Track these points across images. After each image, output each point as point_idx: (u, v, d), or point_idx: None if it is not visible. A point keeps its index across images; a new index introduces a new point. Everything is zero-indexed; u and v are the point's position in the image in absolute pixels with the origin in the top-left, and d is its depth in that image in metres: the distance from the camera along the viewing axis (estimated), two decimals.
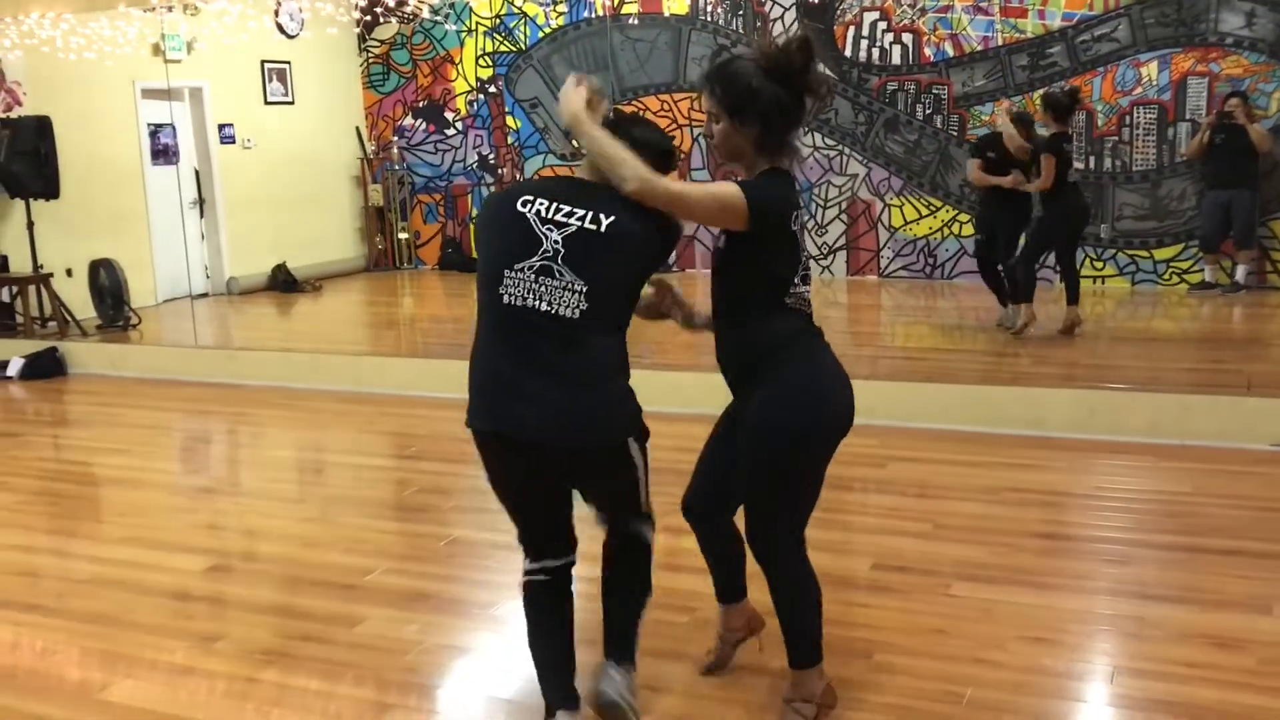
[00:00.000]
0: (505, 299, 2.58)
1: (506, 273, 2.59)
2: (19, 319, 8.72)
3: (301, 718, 3.07)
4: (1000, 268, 7.48)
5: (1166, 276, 9.20)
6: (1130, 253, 9.29)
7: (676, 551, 4.25)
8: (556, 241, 2.58)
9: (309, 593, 3.91)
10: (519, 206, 2.64)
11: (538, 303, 2.56)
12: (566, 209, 2.61)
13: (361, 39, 12.07)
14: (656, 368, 6.43)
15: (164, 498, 5.16)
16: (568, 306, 2.56)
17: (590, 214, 2.60)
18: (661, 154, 2.74)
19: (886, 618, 3.53)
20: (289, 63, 11.39)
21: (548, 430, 2.56)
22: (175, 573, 4.15)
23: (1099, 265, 9.39)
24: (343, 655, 3.41)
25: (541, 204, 2.63)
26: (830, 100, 2.75)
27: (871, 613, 3.58)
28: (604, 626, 2.88)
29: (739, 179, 2.70)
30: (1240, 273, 8.73)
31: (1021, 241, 7.43)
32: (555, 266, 2.57)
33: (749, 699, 3.06)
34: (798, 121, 2.69)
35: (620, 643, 2.84)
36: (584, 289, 2.56)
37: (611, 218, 2.60)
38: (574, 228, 2.59)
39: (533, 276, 2.57)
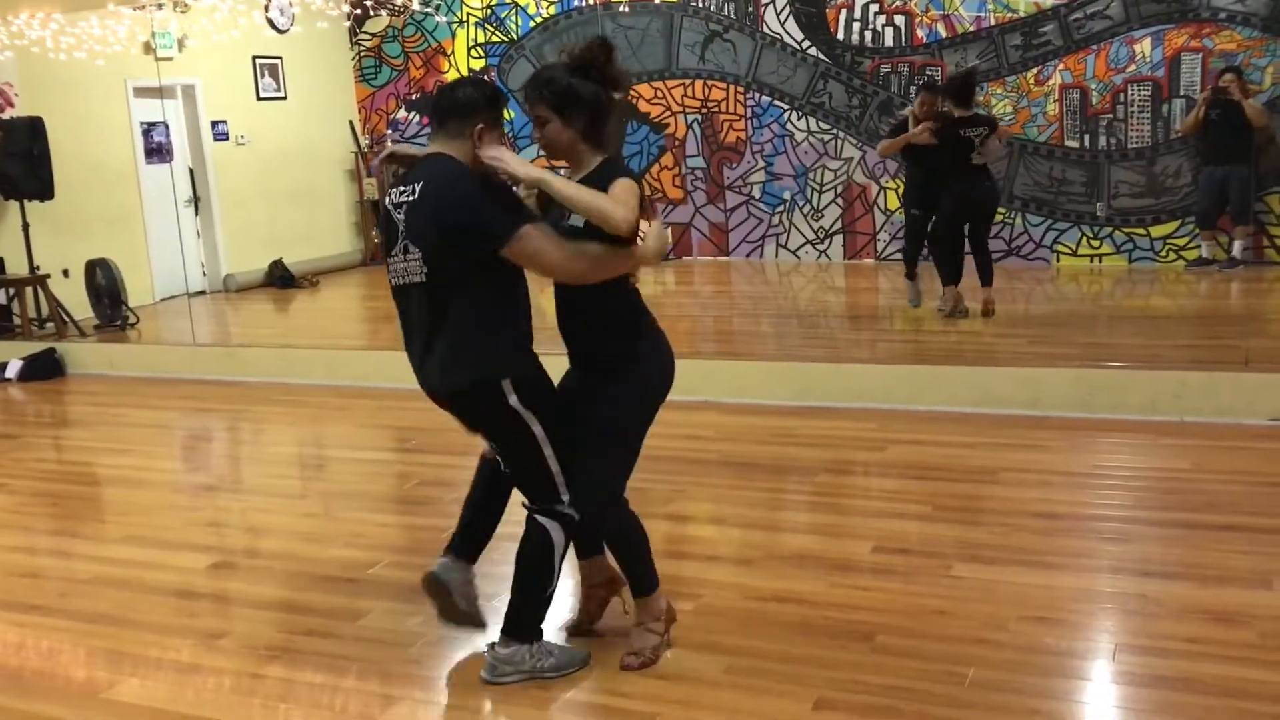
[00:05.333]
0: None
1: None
2: (16, 321, 8.72)
3: (308, 712, 3.08)
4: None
5: (1163, 253, 9.19)
6: (1127, 230, 9.28)
7: (679, 539, 4.27)
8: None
9: (312, 587, 3.92)
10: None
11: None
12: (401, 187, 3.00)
13: (352, 33, 12.03)
14: None
15: (165, 496, 5.16)
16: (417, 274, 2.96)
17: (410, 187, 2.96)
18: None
19: (888, 600, 3.54)
20: (280, 58, 11.37)
21: (428, 383, 3.07)
22: (178, 571, 4.16)
23: (1095, 244, 9.38)
24: (347, 649, 3.42)
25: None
26: (628, 91, 3.15)
27: (873, 595, 3.59)
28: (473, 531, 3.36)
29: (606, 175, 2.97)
30: (1237, 248, 8.72)
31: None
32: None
33: (753, 683, 3.07)
34: (609, 113, 3.02)
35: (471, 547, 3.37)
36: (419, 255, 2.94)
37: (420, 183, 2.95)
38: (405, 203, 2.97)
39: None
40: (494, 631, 3.25)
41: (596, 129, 3.02)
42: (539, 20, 11.12)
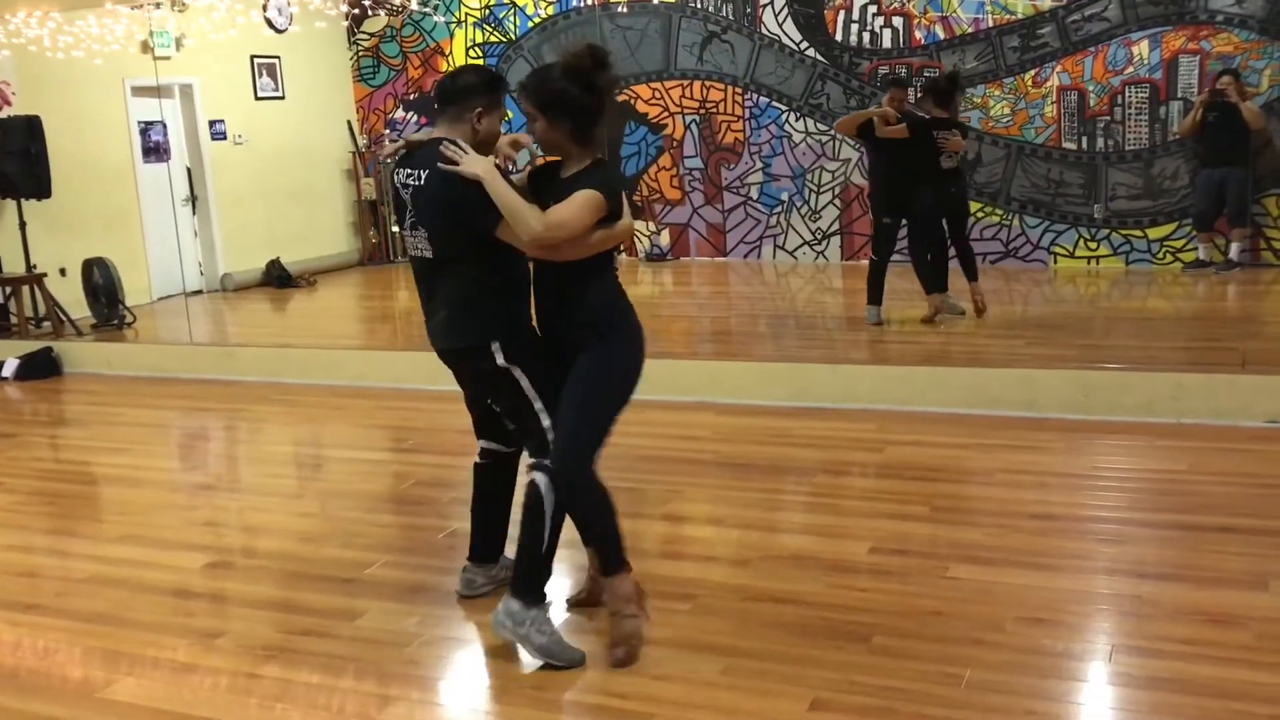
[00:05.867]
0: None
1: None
2: (13, 319, 8.71)
3: (304, 712, 3.08)
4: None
5: (1161, 255, 9.20)
6: (1124, 232, 9.29)
7: (676, 540, 4.28)
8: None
9: (309, 587, 3.92)
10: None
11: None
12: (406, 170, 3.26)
13: (351, 32, 12.03)
14: (651, 356, 6.42)
15: (162, 495, 5.16)
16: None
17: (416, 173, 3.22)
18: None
19: (885, 601, 3.54)
20: (279, 57, 11.36)
21: (433, 338, 3.37)
22: (175, 570, 4.16)
23: (1093, 246, 9.39)
24: (344, 649, 3.42)
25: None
26: (613, 95, 3.31)
27: (870, 596, 3.59)
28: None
29: (591, 185, 3.11)
30: (1234, 250, 8.74)
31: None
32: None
33: (750, 684, 3.07)
34: (600, 116, 3.15)
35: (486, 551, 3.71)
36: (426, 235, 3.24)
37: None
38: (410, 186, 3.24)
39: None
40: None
41: (583, 130, 3.16)
42: (537, 20, 11.12)
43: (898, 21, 9.74)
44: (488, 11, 11.33)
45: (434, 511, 4.69)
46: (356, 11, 11.41)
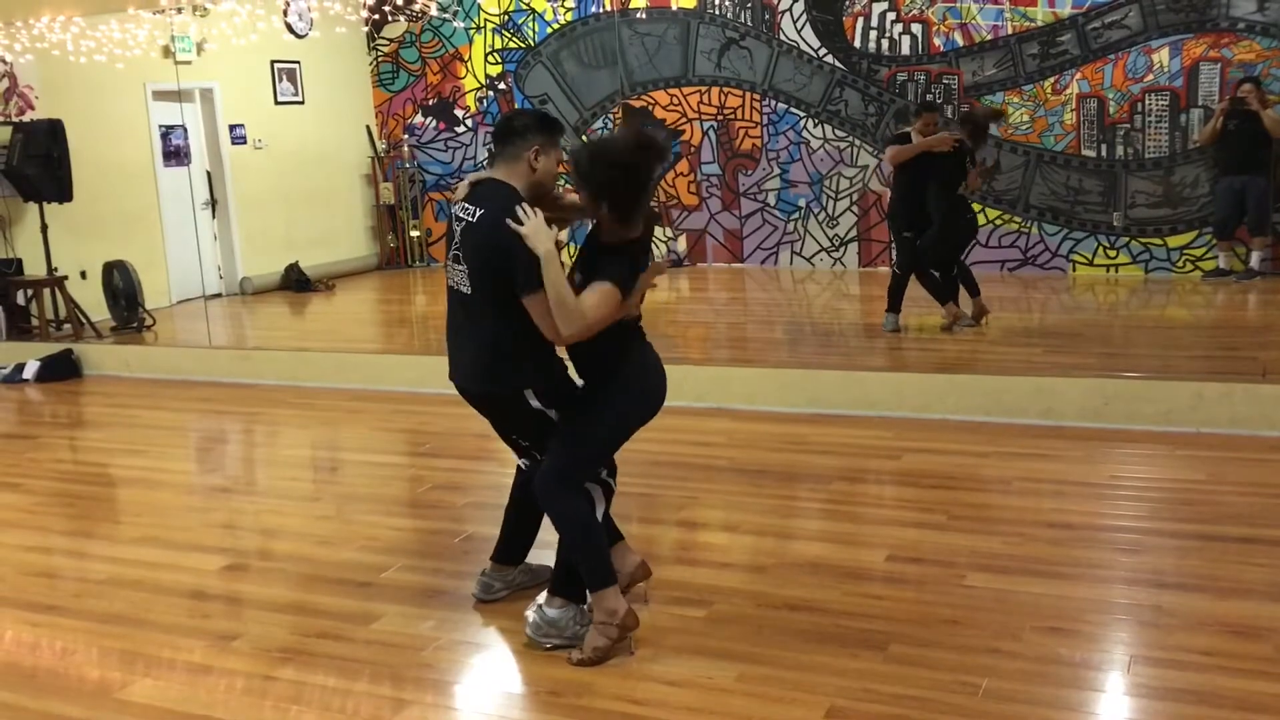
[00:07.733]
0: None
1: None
2: (34, 321, 8.77)
3: (319, 715, 3.08)
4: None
5: (1180, 264, 9.15)
6: (1144, 240, 9.24)
7: (691, 546, 4.27)
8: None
9: (325, 590, 3.93)
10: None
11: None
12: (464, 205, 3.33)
13: (370, 38, 12.08)
14: (667, 362, 6.41)
15: (180, 498, 5.18)
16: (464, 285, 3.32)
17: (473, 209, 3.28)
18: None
19: (901, 609, 3.53)
20: (298, 62, 11.42)
21: (459, 378, 3.43)
22: (192, 572, 4.17)
23: (1112, 254, 9.35)
24: (359, 652, 3.43)
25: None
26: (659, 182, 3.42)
27: (886, 604, 3.57)
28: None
29: (611, 278, 3.19)
30: (1254, 259, 8.69)
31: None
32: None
33: (765, 691, 3.06)
34: (645, 200, 3.28)
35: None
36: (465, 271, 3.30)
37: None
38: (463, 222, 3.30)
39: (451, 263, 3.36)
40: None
41: (628, 213, 3.21)
42: (556, 26, 11.14)
43: (916, 28, 9.72)
44: (507, 17, 11.36)
45: (450, 516, 4.69)
46: (376, 17, 11.46)
